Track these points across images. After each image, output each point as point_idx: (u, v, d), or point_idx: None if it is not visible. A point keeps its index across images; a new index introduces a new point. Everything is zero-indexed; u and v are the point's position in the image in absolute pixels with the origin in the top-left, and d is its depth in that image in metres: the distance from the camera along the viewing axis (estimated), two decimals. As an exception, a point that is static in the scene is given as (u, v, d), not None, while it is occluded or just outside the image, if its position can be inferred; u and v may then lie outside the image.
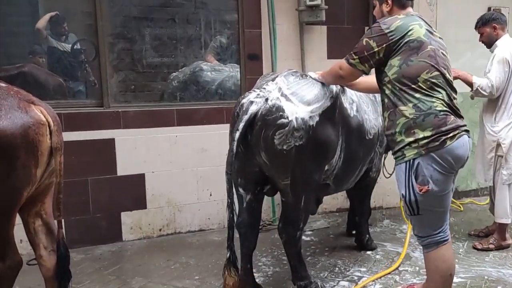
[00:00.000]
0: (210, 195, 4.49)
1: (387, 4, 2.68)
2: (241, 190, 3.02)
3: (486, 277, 3.35)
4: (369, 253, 3.84)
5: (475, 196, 5.54)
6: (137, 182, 4.24)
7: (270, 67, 4.51)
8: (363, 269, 3.53)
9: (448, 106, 2.46)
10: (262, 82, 3.04)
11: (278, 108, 2.76)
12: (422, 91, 2.43)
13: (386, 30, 2.46)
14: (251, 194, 3.01)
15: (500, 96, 3.81)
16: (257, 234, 3.09)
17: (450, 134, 2.41)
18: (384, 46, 2.46)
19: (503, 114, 3.82)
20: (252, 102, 2.80)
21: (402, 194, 2.54)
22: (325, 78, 2.90)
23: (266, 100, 2.78)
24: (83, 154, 3.99)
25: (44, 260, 2.48)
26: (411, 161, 2.44)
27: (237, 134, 2.73)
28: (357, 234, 3.93)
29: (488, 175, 3.93)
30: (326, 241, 4.19)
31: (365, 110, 3.30)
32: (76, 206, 3.97)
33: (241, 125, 2.74)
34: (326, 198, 4.31)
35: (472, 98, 4.09)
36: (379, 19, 2.60)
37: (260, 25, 4.53)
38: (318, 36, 4.77)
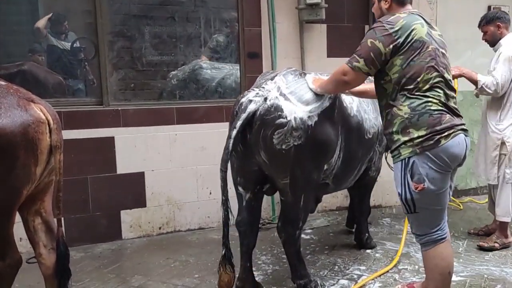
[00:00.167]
0: (210, 194, 4.50)
1: (386, 1, 2.63)
2: (240, 189, 3.02)
3: (485, 275, 3.36)
4: (368, 251, 3.84)
5: (475, 194, 5.54)
6: (136, 180, 4.24)
7: (270, 66, 4.51)
8: (363, 267, 3.53)
9: (444, 106, 2.45)
10: (262, 81, 3.03)
11: (277, 107, 2.75)
12: (420, 91, 2.43)
13: (391, 30, 2.41)
14: (251, 193, 3.01)
15: (505, 94, 3.79)
16: (256, 233, 3.09)
17: (445, 133, 2.40)
18: (391, 46, 2.41)
19: (508, 112, 3.80)
20: (251, 101, 2.80)
21: (399, 192, 2.55)
22: (324, 88, 2.79)
23: (265, 99, 2.78)
24: (83, 152, 3.99)
25: (43, 258, 2.47)
26: (407, 159, 2.45)
27: (234, 132, 2.73)
28: (356, 233, 3.93)
29: (491, 174, 3.90)
30: (325, 239, 4.20)
31: (365, 109, 3.29)
32: (75, 204, 3.98)
33: (238, 123, 2.74)
34: (325, 196, 4.31)
35: (477, 96, 4.07)
36: (381, 19, 2.54)
37: (260, 23, 4.52)
38: (318, 34, 4.76)
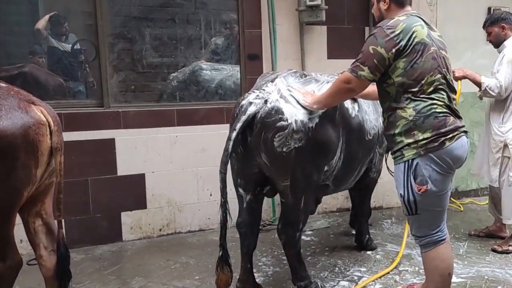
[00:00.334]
0: (210, 195, 4.49)
1: (385, 2, 2.61)
2: (241, 190, 3.02)
3: (486, 277, 3.35)
4: (369, 253, 3.84)
5: (475, 196, 5.54)
6: (137, 182, 4.24)
7: (270, 67, 4.51)
8: (363, 269, 3.53)
9: (448, 108, 2.45)
10: (262, 83, 3.03)
11: (278, 110, 2.75)
12: (425, 94, 2.41)
13: (392, 34, 2.39)
14: (251, 195, 3.01)
15: (508, 96, 3.76)
16: (257, 234, 3.09)
17: (449, 135, 2.41)
18: (393, 50, 2.39)
19: (511, 115, 3.77)
20: (251, 103, 2.80)
21: (401, 194, 2.54)
22: (324, 102, 2.70)
23: (265, 101, 2.78)
24: (83, 154, 3.99)
25: (44, 260, 2.48)
26: (410, 161, 2.44)
27: (233, 134, 2.73)
28: (357, 234, 3.93)
29: (493, 175, 3.88)
30: (326, 241, 4.19)
31: (365, 110, 3.29)
32: (76, 206, 3.98)
33: (238, 125, 2.74)
34: (326, 198, 4.32)
35: (480, 98, 4.04)
36: (380, 23, 2.51)
37: (260, 25, 4.53)
38: (318, 36, 4.77)
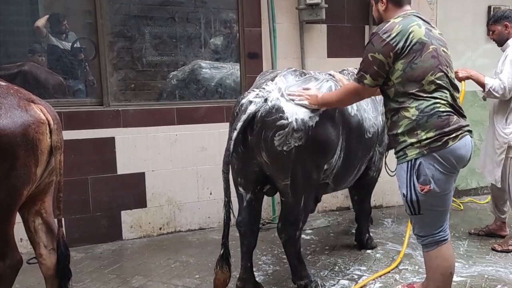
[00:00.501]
0: (210, 194, 4.49)
1: (382, 2, 2.61)
2: (241, 189, 3.02)
3: (486, 276, 3.35)
4: (369, 252, 3.84)
5: (475, 195, 5.54)
6: (137, 180, 4.24)
7: (270, 66, 4.50)
8: (363, 268, 3.53)
9: (451, 107, 2.44)
10: (261, 81, 3.03)
11: (278, 109, 2.75)
12: (426, 93, 2.41)
13: (388, 39, 2.40)
14: (251, 193, 3.01)
15: None
16: (257, 233, 3.09)
17: (453, 135, 2.39)
18: (391, 54, 2.40)
19: None
20: (251, 102, 2.80)
21: (403, 194, 2.52)
22: (332, 104, 2.77)
23: (265, 100, 2.78)
24: (83, 152, 3.99)
25: (44, 259, 2.48)
26: (413, 160, 2.43)
27: (234, 133, 2.73)
28: (357, 233, 3.92)
29: (497, 176, 3.84)
30: (326, 239, 4.19)
31: (364, 108, 3.29)
32: (76, 204, 3.98)
33: (239, 124, 2.74)
34: (326, 196, 4.32)
35: (484, 99, 4.02)
36: (376, 29, 2.52)
37: (260, 23, 4.52)
38: (318, 34, 4.76)
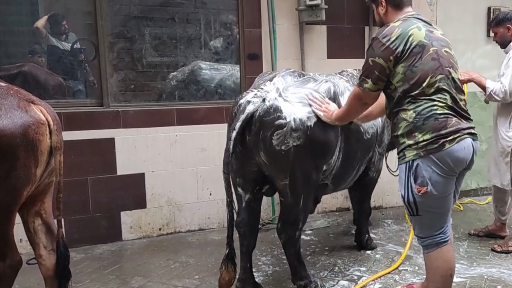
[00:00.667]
0: (210, 195, 4.49)
1: (382, 6, 2.63)
2: (240, 189, 3.02)
3: (486, 276, 3.35)
4: (368, 252, 3.84)
5: (475, 195, 5.54)
6: (137, 181, 4.24)
7: (270, 67, 4.51)
8: (363, 268, 3.53)
9: (450, 109, 2.43)
10: (260, 82, 3.04)
11: (276, 108, 2.76)
12: (425, 95, 2.41)
13: (388, 43, 2.41)
14: (250, 194, 3.01)
15: None
16: (256, 233, 3.09)
17: (450, 137, 2.38)
18: (391, 58, 2.41)
19: None
20: (249, 102, 2.81)
21: (402, 194, 2.53)
22: (343, 117, 2.76)
23: (264, 100, 2.79)
24: (83, 153, 3.99)
25: (43, 259, 2.48)
26: (411, 162, 2.44)
27: (233, 133, 2.74)
28: (357, 234, 3.92)
29: (505, 179, 3.81)
30: (326, 240, 4.19)
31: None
32: (76, 205, 3.98)
33: (237, 124, 2.75)
34: (325, 197, 4.32)
35: (486, 102, 4.00)
36: (376, 33, 2.53)
37: (260, 24, 4.53)
38: (318, 35, 4.76)
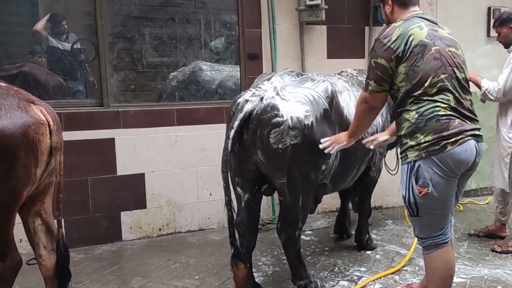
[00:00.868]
0: (210, 195, 4.49)
1: (388, 4, 2.64)
2: (239, 189, 3.03)
3: (486, 277, 3.35)
4: (368, 253, 3.83)
5: (475, 196, 5.54)
6: (137, 181, 4.24)
7: (270, 67, 4.51)
8: (363, 268, 3.53)
9: (453, 110, 2.39)
10: (258, 82, 3.06)
11: (273, 107, 2.77)
12: (427, 96, 2.39)
13: (389, 43, 2.41)
14: (249, 193, 3.02)
15: None
16: (256, 233, 3.09)
17: (452, 139, 2.35)
18: (392, 58, 2.41)
19: None
20: (247, 100, 2.82)
21: (403, 195, 2.52)
22: (355, 129, 2.74)
23: (261, 99, 2.79)
24: (83, 153, 3.99)
25: (43, 259, 2.48)
26: (412, 162, 2.43)
27: (232, 132, 2.75)
28: (357, 234, 3.92)
29: (506, 181, 3.79)
30: (325, 240, 4.19)
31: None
32: (76, 205, 3.98)
33: (236, 123, 2.75)
34: (325, 198, 4.31)
35: (482, 101, 3.99)
36: (378, 35, 2.54)
37: (260, 25, 4.53)
38: (318, 35, 4.76)
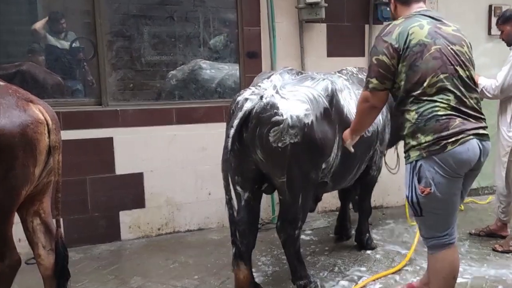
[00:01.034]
0: (209, 194, 4.48)
1: (391, 2, 2.66)
2: (238, 188, 3.01)
3: (487, 276, 3.34)
4: (369, 252, 3.82)
5: (476, 195, 5.52)
6: (135, 181, 4.22)
7: (270, 65, 4.50)
8: (363, 268, 3.52)
9: (454, 109, 2.38)
10: (258, 80, 3.05)
11: (273, 105, 2.76)
12: (427, 96, 2.38)
13: (390, 40, 2.42)
14: (249, 192, 3.00)
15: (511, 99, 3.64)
16: (256, 233, 3.08)
17: (452, 139, 2.34)
18: (395, 55, 2.41)
19: None
20: (247, 99, 2.81)
21: (406, 195, 2.52)
22: (356, 127, 2.78)
23: (261, 97, 2.79)
24: (82, 153, 3.98)
25: (42, 259, 2.47)
26: (414, 162, 2.42)
27: (231, 131, 2.74)
28: (357, 233, 3.91)
29: (506, 179, 3.78)
30: (325, 240, 4.18)
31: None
32: (74, 205, 3.96)
33: (235, 122, 2.75)
34: (325, 197, 4.30)
35: (480, 99, 3.99)
36: (379, 32, 2.54)
37: (259, 23, 4.51)
38: (318, 34, 4.75)
